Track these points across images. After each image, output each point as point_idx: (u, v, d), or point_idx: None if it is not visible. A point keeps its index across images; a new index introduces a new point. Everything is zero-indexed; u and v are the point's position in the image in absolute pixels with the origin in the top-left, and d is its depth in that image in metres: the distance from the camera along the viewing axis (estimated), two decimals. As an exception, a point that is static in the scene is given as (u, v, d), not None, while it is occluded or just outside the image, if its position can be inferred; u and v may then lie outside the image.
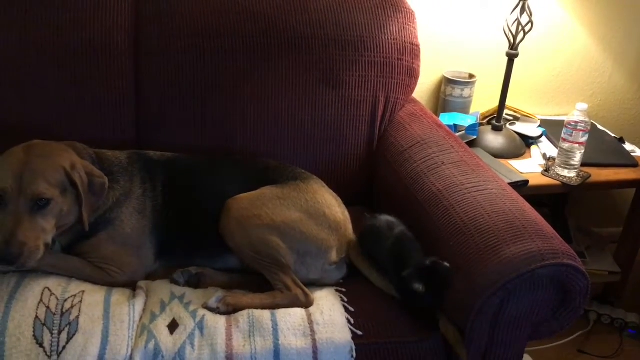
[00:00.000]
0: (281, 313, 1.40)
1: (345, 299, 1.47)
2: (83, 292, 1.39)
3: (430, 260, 1.42)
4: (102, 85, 1.76)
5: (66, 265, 1.44)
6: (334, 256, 1.56)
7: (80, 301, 1.36)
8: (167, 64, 1.80)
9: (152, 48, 1.80)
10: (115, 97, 1.78)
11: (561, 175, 2.05)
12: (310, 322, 1.38)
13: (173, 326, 1.35)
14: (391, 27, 1.94)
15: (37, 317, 1.30)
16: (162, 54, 1.80)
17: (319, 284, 1.55)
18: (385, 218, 1.59)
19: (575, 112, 2.01)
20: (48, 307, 1.32)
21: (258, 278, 1.51)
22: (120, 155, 1.59)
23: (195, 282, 1.51)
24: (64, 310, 1.33)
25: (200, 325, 1.35)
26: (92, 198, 1.43)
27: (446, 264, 1.40)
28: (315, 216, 1.54)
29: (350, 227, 1.63)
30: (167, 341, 1.31)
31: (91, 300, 1.37)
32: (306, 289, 1.48)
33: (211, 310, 1.40)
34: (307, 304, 1.45)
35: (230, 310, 1.41)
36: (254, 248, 1.49)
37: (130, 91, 1.80)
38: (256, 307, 1.41)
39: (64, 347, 1.26)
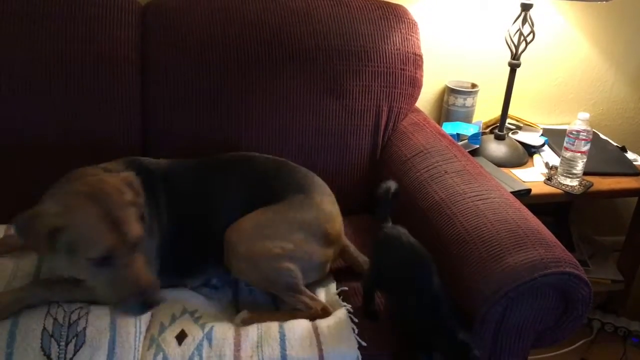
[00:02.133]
0: (288, 324, 1.41)
1: (352, 310, 1.48)
2: (90, 303, 1.39)
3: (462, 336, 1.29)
4: (110, 94, 1.78)
5: (78, 294, 1.40)
6: (328, 267, 1.61)
7: (87, 312, 1.36)
8: (173, 74, 1.82)
9: (158, 58, 1.82)
10: (122, 106, 1.79)
11: (563, 184, 2.06)
12: (317, 334, 1.39)
13: (181, 337, 1.36)
14: (394, 38, 1.95)
15: (44, 328, 1.31)
16: (168, 64, 1.82)
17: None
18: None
19: (577, 121, 2.02)
20: (55, 319, 1.33)
21: None
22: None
23: None
24: (71, 322, 1.33)
25: (209, 336, 1.36)
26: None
27: (476, 352, 1.27)
28: (316, 234, 1.54)
29: (343, 233, 1.66)
30: (175, 353, 1.32)
31: (98, 311, 1.37)
32: (324, 303, 1.51)
33: None
34: (324, 315, 1.47)
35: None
36: (268, 280, 1.49)
37: (137, 100, 1.82)
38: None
39: (71, 359, 1.27)
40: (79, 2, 1.78)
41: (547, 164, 2.19)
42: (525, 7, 2.04)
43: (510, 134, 2.32)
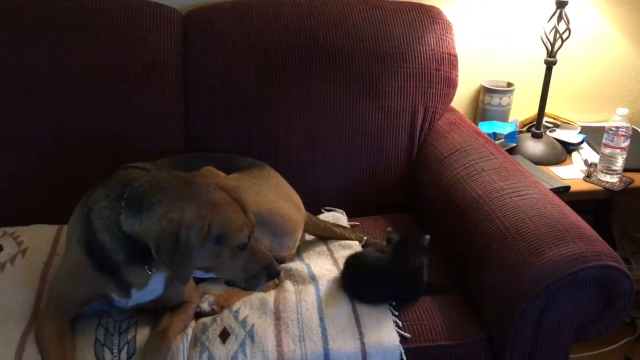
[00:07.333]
0: (329, 317, 1.44)
1: (393, 302, 1.50)
2: (137, 313, 1.45)
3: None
4: (153, 100, 1.84)
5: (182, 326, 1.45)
6: (299, 235, 1.68)
7: (136, 322, 1.43)
8: (214, 80, 1.87)
9: (199, 65, 1.88)
10: (164, 111, 1.85)
11: (603, 181, 2.04)
12: (359, 325, 1.42)
13: (224, 335, 1.40)
14: (429, 39, 1.98)
15: (96, 339, 1.37)
16: (209, 70, 1.87)
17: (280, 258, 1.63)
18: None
19: (616, 117, 2.00)
20: (106, 329, 1.40)
21: None
22: None
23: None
24: (122, 331, 1.40)
25: (251, 334, 1.39)
26: None
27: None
28: (286, 199, 1.65)
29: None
30: (219, 351, 1.36)
31: (145, 320, 1.44)
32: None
33: (206, 314, 1.47)
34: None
35: (223, 309, 1.48)
36: None
37: (179, 106, 1.87)
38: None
39: (124, 363, 1.33)
40: (123, 13, 1.84)
41: (586, 161, 2.17)
42: (561, 5, 2.04)
43: (547, 132, 2.31)
